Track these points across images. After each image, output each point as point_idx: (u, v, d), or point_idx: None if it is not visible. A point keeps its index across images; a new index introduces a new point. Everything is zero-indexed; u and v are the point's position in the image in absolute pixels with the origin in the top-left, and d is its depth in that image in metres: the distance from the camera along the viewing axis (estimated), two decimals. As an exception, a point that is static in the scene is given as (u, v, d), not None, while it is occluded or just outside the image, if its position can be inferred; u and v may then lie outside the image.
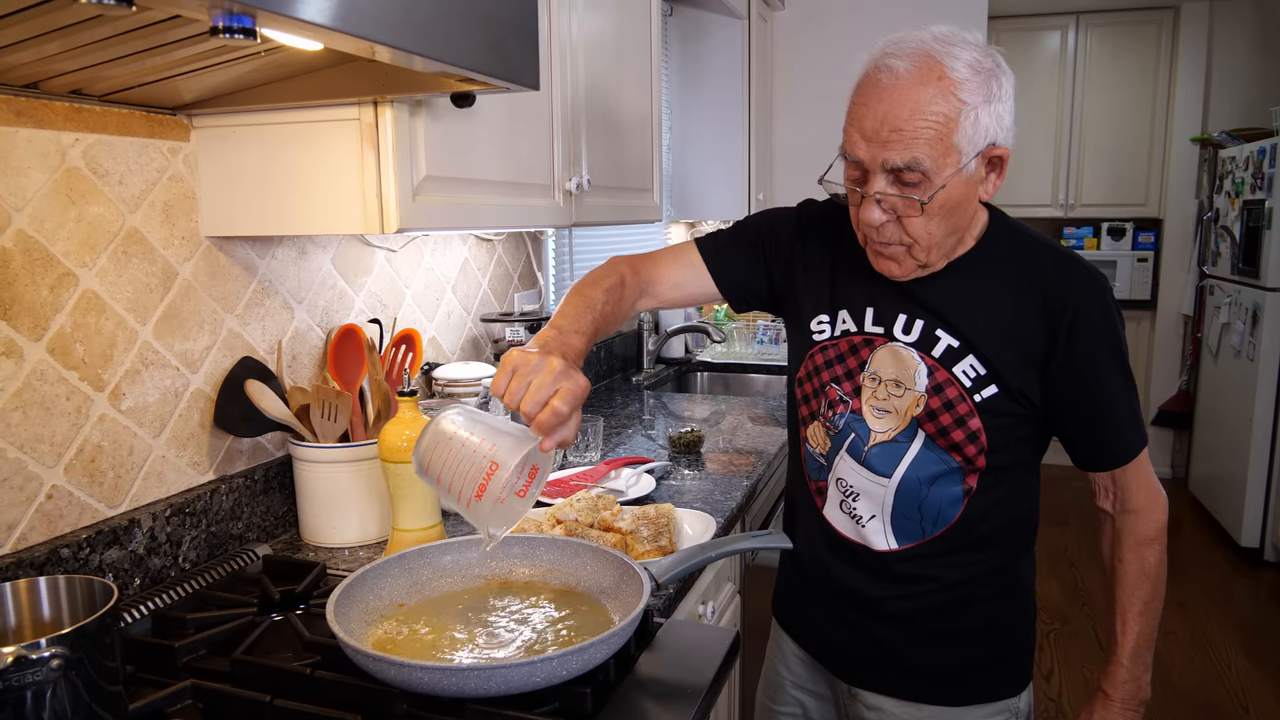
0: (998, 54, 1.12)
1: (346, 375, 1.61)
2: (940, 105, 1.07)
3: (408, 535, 1.38)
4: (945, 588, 1.27)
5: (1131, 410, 1.22)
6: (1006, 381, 1.18)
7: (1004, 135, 1.12)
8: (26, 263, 1.16)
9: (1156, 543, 1.26)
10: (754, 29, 3.47)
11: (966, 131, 1.08)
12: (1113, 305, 1.19)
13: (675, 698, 1.04)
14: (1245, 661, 3.31)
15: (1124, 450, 1.23)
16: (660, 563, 1.23)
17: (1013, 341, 1.18)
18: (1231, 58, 5.12)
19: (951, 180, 1.10)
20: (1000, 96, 1.10)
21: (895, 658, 1.30)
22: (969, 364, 1.19)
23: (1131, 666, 1.25)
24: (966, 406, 1.19)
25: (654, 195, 2.33)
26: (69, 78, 1.11)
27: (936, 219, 1.13)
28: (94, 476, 1.26)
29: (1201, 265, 5.06)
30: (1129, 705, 1.26)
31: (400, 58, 0.98)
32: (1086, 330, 1.16)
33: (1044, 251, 1.22)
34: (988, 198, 1.18)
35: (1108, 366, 1.18)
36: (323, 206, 1.31)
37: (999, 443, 1.20)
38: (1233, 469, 4.36)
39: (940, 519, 1.24)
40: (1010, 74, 1.12)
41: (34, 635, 0.94)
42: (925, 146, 1.08)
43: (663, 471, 1.92)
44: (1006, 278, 1.20)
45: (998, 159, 1.14)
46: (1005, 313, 1.18)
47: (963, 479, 1.22)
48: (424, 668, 0.92)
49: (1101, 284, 1.19)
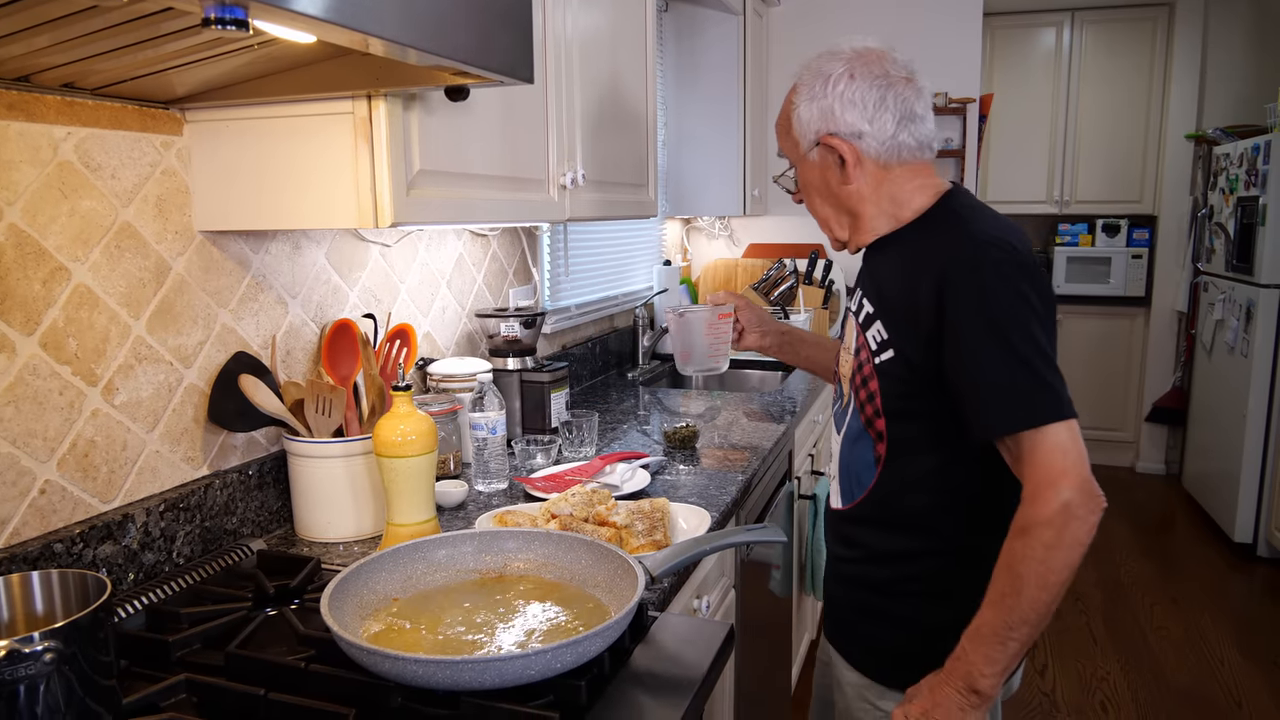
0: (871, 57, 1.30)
1: (341, 370, 1.61)
2: (786, 107, 1.36)
3: (402, 530, 1.38)
4: (875, 559, 1.34)
5: (1011, 382, 1.14)
6: (901, 347, 1.25)
7: (836, 125, 1.29)
8: (19, 257, 1.15)
9: (1032, 535, 1.10)
10: (749, 25, 3.47)
11: (797, 125, 1.33)
12: (996, 275, 1.17)
13: (670, 691, 1.04)
14: (1239, 657, 3.32)
15: (987, 421, 1.15)
16: (655, 557, 1.23)
17: (910, 310, 1.24)
18: (1226, 54, 5.13)
19: (801, 164, 1.37)
20: (825, 95, 1.29)
21: (843, 618, 1.41)
22: (877, 328, 1.29)
23: (967, 646, 1.15)
24: (870, 368, 1.30)
25: (649, 191, 2.32)
26: (61, 71, 1.11)
27: (812, 198, 1.39)
28: (87, 471, 1.26)
29: (1196, 262, 5.07)
30: (954, 683, 1.16)
31: (394, 50, 0.98)
32: (953, 300, 1.18)
33: (949, 222, 1.28)
34: (851, 183, 1.31)
35: (976, 337, 1.16)
36: (317, 201, 1.31)
37: (895, 408, 1.27)
38: (1226, 465, 4.37)
39: (862, 482, 1.34)
40: (864, 77, 1.28)
41: (27, 629, 0.94)
42: (781, 138, 1.39)
43: (658, 466, 1.92)
44: (918, 252, 1.27)
45: (832, 147, 1.30)
46: (909, 283, 1.25)
47: (873, 445, 1.31)
48: (419, 661, 0.92)
49: (980, 254, 1.19)
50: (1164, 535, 4.57)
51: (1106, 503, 1.12)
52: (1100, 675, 3.21)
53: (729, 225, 4.10)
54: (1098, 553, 4.30)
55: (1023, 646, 1.13)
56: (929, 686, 1.20)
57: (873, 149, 1.29)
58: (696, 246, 4.17)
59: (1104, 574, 4.08)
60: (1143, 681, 3.16)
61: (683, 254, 4.05)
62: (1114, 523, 4.69)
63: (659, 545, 1.40)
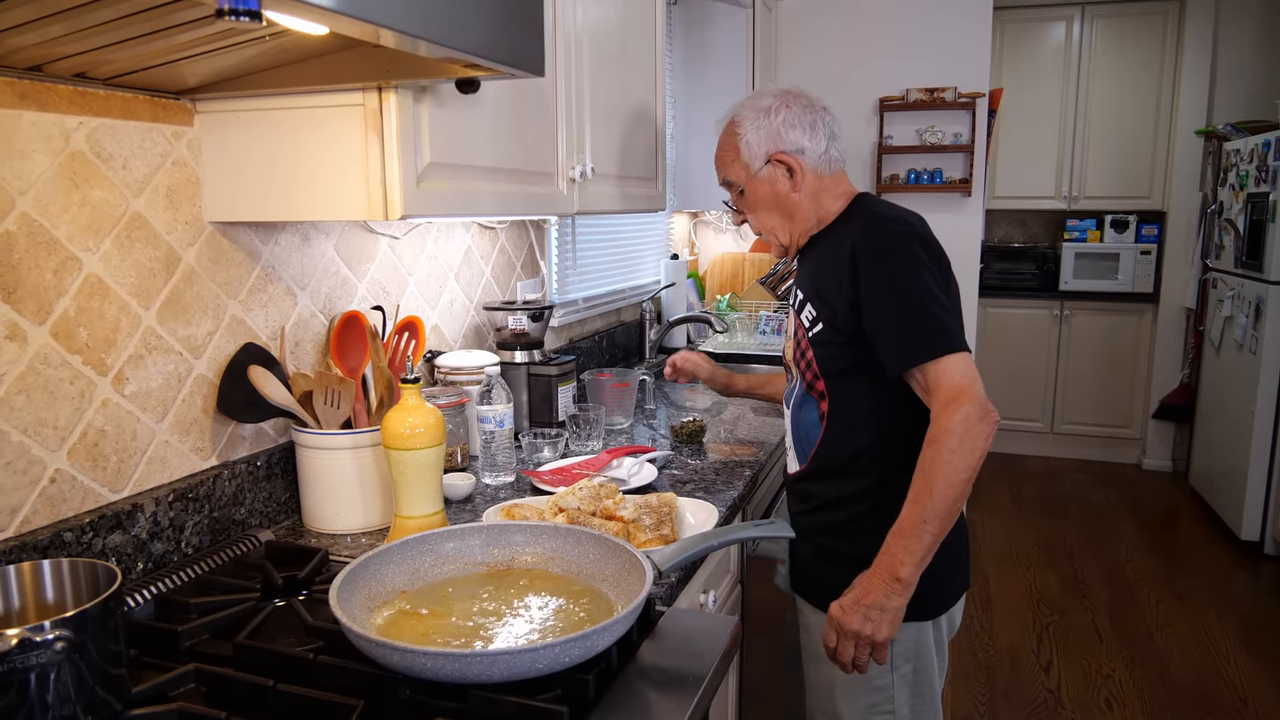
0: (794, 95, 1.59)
1: (349, 362, 1.61)
2: (731, 139, 1.62)
3: (410, 522, 1.38)
4: (827, 506, 1.56)
5: (914, 323, 1.38)
6: (828, 320, 1.49)
7: (783, 145, 1.56)
8: (30, 246, 1.15)
9: (940, 442, 1.32)
10: (758, 18, 3.46)
11: (744, 150, 1.59)
12: (890, 242, 1.44)
13: (677, 686, 1.04)
14: (1245, 655, 3.32)
15: (899, 357, 1.39)
16: (663, 551, 1.23)
17: (828, 288, 1.49)
18: (1237, 50, 5.10)
19: (751, 183, 1.60)
20: (772, 121, 1.56)
21: (806, 569, 1.63)
22: (808, 311, 1.54)
23: (890, 542, 1.36)
24: (806, 342, 1.55)
25: (658, 184, 2.32)
26: (73, 60, 1.11)
27: (760, 212, 1.63)
28: (97, 461, 1.26)
29: (1205, 258, 5.05)
30: (880, 574, 1.36)
31: (405, 42, 0.97)
32: (863, 268, 1.43)
33: (860, 214, 1.54)
34: (797, 190, 1.57)
35: (881, 293, 1.41)
36: (327, 192, 1.30)
37: (831, 369, 1.51)
38: (1234, 462, 4.36)
39: (811, 439, 1.58)
40: (800, 106, 1.57)
41: (38, 618, 0.94)
42: (728, 167, 1.64)
43: (664, 460, 1.92)
44: (834, 243, 1.53)
45: (782, 161, 1.57)
46: (830, 269, 1.50)
47: (816, 405, 1.55)
48: (428, 653, 0.92)
49: (880, 229, 1.46)
50: (1170, 532, 4.57)
51: (999, 417, 1.36)
52: (1105, 672, 3.21)
53: (736, 219, 4.09)
54: (1103, 549, 4.30)
55: (934, 540, 1.33)
56: (858, 581, 1.40)
57: (812, 161, 1.57)
58: (704, 240, 4.17)
59: (1110, 570, 4.07)
60: (1148, 679, 3.16)
61: (690, 248, 4.05)
62: (1120, 519, 4.68)
63: (666, 540, 1.40)
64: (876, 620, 1.36)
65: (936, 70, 3.92)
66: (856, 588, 1.39)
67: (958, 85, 3.90)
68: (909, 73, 3.95)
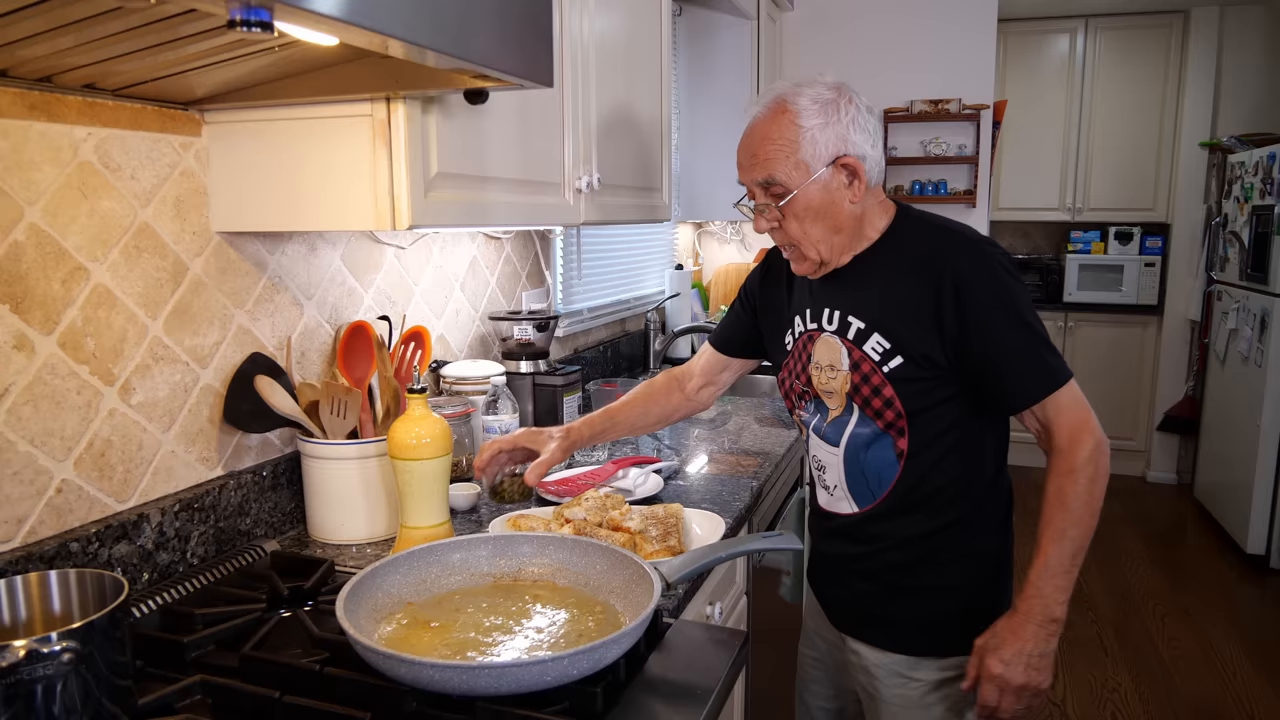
0: (847, 89, 1.38)
1: (356, 372, 1.61)
2: (785, 132, 1.35)
3: (416, 533, 1.37)
4: (901, 545, 1.45)
5: (1035, 356, 1.33)
6: (909, 351, 1.36)
7: (851, 148, 1.35)
8: (39, 256, 1.15)
9: (1077, 475, 1.30)
10: (763, 29, 3.47)
11: (808, 148, 1.34)
12: (998, 269, 1.34)
13: (685, 698, 1.03)
14: (1251, 669, 3.30)
15: (1026, 392, 1.33)
16: (670, 563, 1.22)
17: (909, 317, 1.36)
18: (1242, 63, 5.10)
19: (807, 188, 1.36)
20: (840, 119, 1.35)
21: (868, 610, 1.51)
22: (875, 341, 1.38)
23: (1039, 583, 1.31)
24: (879, 378, 1.38)
25: (663, 195, 2.32)
26: (82, 72, 1.11)
27: (806, 221, 1.38)
28: (103, 471, 1.26)
29: (1209, 271, 5.04)
30: (1034, 618, 1.31)
31: (413, 53, 0.98)
32: (972, 299, 1.32)
33: (933, 234, 1.41)
34: (857, 198, 1.38)
35: (1001, 326, 1.32)
36: (334, 203, 1.31)
37: (917, 406, 1.37)
38: (1239, 475, 4.35)
39: (882, 480, 1.43)
40: (860, 105, 1.37)
41: (44, 629, 0.94)
42: (776, 164, 1.36)
43: (670, 471, 1.92)
44: (901, 264, 1.39)
45: (848, 165, 1.36)
46: (900, 293, 1.37)
47: (893, 443, 1.41)
48: (435, 666, 0.92)
49: (982, 256, 1.35)
50: (1175, 546, 4.55)
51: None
52: (1111, 686, 3.19)
53: (740, 230, 4.10)
54: (1108, 562, 4.28)
55: (1078, 570, 1.31)
56: (1009, 630, 1.32)
57: (871, 171, 1.39)
58: (708, 251, 4.17)
59: (1115, 584, 4.05)
60: (1154, 693, 3.14)
61: (694, 258, 4.05)
62: (1125, 532, 4.67)
63: (673, 551, 1.39)
64: (1041, 667, 1.31)
65: (941, 82, 3.93)
66: (1010, 639, 1.31)
67: (962, 97, 3.90)
68: (913, 84, 3.95)
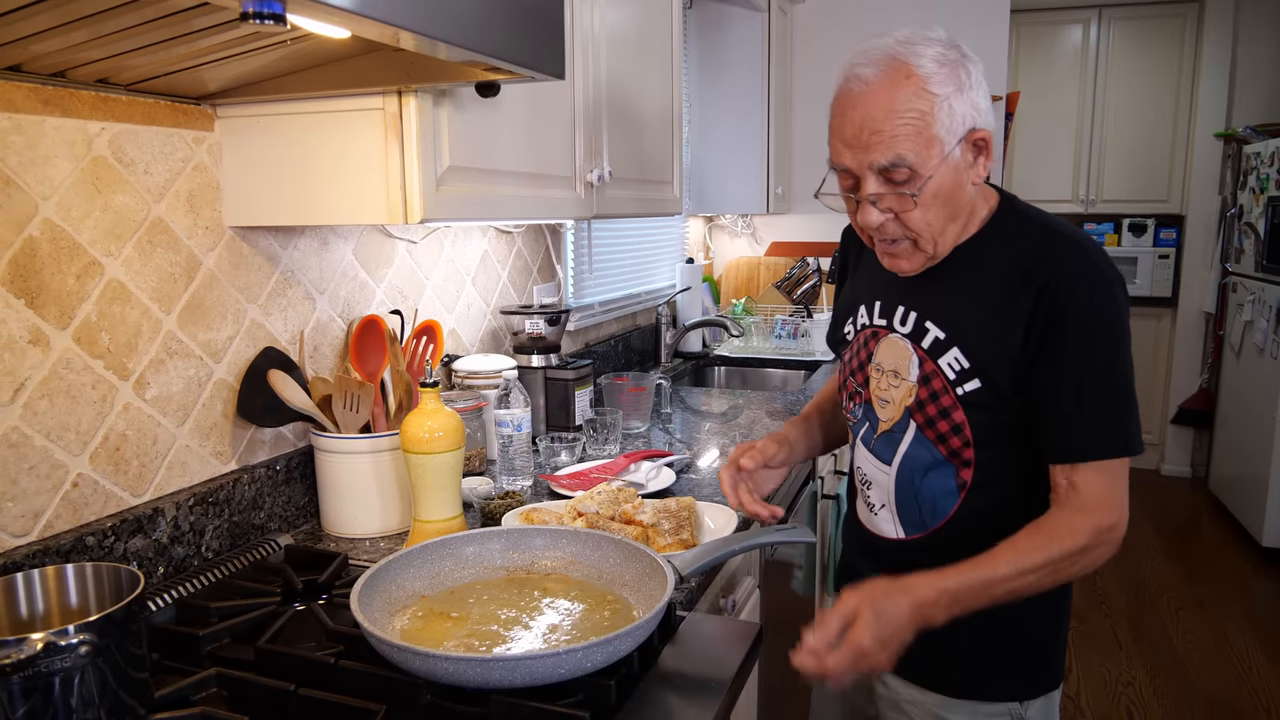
0: (961, 45, 1.16)
1: (368, 366, 1.61)
2: (914, 102, 1.10)
3: (429, 526, 1.38)
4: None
5: (1108, 411, 1.13)
6: (990, 375, 1.17)
7: (982, 119, 1.14)
8: (53, 251, 1.16)
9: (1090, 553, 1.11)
10: (774, 22, 3.45)
11: (944, 121, 1.11)
12: (1107, 295, 1.13)
13: (699, 691, 1.03)
14: (1266, 662, 3.28)
15: (1082, 446, 1.13)
16: (684, 556, 1.22)
17: (997, 332, 1.16)
18: (1257, 52, 5.05)
19: (939, 169, 1.12)
20: (971, 84, 1.13)
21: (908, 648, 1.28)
22: (954, 356, 1.19)
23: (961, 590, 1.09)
24: (950, 399, 1.20)
25: (674, 188, 2.31)
26: (96, 66, 1.11)
27: (933, 209, 1.15)
28: (119, 465, 1.27)
29: (1224, 262, 5.00)
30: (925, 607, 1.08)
31: (425, 45, 0.97)
32: (1064, 315, 1.12)
33: (1042, 234, 1.18)
34: (980, 180, 1.18)
35: (1077, 357, 1.12)
36: (346, 197, 1.31)
37: (985, 438, 1.19)
38: (1255, 468, 4.32)
39: (938, 511, 1.25)
40: (977, 61, 1.16)
41: (62, 622, 0.94)
42: (906, 142, 1.11)
43: (682, 465, 1.92)
44: (1000, 264, 1.18)
45: (981, 141, 1.15)
46: (993, 302, 1.17)
47: (955, 473, 1.22)
48: (450, 658, 0.92)
49: (1097, 270, 1.13)
50: (1190, 539, 4.52)
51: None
52: (1126, 680, 3.18)
53: (752, 223, 4.08)
54: (1123, 555, 4.26)
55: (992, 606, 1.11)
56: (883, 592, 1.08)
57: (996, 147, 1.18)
58: (719, 244, 4.16)
59: (1129, 577, 4.03)
60: (1169, 687, 3.13)
61: (705, 252, 4.04)
62: (1139, 526, 4.64)
63: (686, 544, 1.39)
64: (892, 650, 1.06)
65: (953, 73, 3.90)
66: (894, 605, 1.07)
67: (974, 88, 3.87)
68: (925, 76, 3.92)
